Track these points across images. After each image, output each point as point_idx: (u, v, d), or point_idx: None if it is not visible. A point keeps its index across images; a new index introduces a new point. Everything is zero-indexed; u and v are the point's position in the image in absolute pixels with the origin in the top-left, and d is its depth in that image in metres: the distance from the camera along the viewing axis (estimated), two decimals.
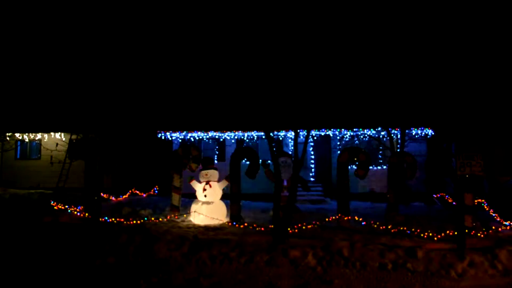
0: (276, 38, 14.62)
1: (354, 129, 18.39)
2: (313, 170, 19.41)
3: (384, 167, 17.75)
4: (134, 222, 12.27)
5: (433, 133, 18.01)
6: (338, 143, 19.24)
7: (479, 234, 10.60)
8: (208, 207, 12.69)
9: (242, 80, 15.33)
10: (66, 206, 13.85)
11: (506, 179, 15.16)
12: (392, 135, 17.40)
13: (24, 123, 19.97)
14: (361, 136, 18.87)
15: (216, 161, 18.25)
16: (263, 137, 18.51)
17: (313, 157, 19.43)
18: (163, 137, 19.18)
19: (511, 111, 15.86)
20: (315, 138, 19.22)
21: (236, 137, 19.42)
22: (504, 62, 15.37)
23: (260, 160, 13.43)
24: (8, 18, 17.66)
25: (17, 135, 20.42)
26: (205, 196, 12.87)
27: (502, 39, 15.30)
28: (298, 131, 12.24)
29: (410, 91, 15.71)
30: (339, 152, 16.38)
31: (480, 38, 15.39)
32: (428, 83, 15.79)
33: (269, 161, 13.69)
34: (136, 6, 17.03)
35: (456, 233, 9.67)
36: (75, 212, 13.37)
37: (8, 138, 20.19)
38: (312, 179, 19.27)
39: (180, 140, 19.34)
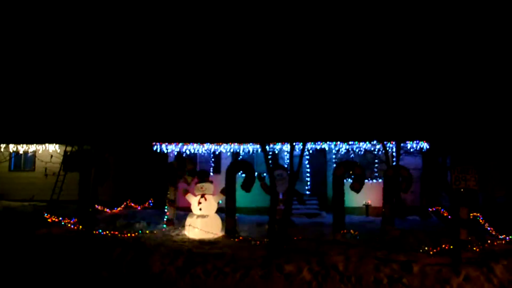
0: (271, 52, 14.69)
1: (350, 142, 18.39)
2: (308, 183, 19.38)
3: (380, 180, 17.75)
4: (129, 235, 12.19)
5: (428, 147, 18.04)
6: (334, 156, 19.24)
7: (474, 248, 10.59)
8: (203, 220, 12.62)
9: (238, 93, 15.37)
10: (60, 219, 13.74)
11: (501, 193, 15.20)
12: (388, 148, 17.44)
13: (18, 135, 19.86)
14: (357, 150, 18.88)
15: (211, 174, 18.21)
16: (259, 150, 18.50)
17: (308, 170, 19.41)
18: (158, 150, 19.14)
19: (506, 126, 15.94)
20: (310, 151, 19.22)
21: (231, 150, 19.39)
22: (499, 77, 15.48)
23: (256, 173, 13.40)
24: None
25: (11, 146, 20.31)
26: (200, 209, 12.81)
27: (495, 55, 15.42)
28: (294, 144, 12.26)
29: (406, 105, 15.78)
30: (334, 165, 16.38)
31: (474, 53, 15.52)
32: (424, 97, 15.87)
33: (264, 174, 13.69)
34: (131, 15, 17.10)
35: (451, 247, 9.65)
36: (69, 225, 13.27)
37: (2, 150, 20.07)
38: (307, 192, 19.22)
39: (175, 153, 19.31)
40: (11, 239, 11.54)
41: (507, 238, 11.59)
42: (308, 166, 19.39)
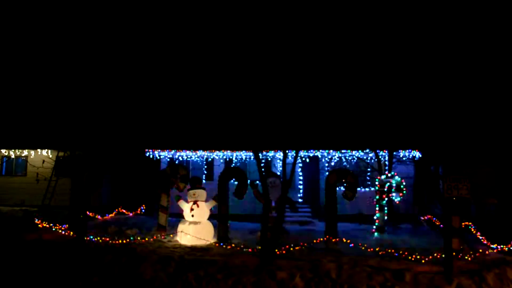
0: (265, 60, 14.74)
1: (343, 151, 18.44)
2: (301, 191, 19.37)
3: (372, 188, 17.79)
4: (120, 241, 12.10)
5: (420, 156, 18.13)
6: (327, 164, 19.27)
7: (466, 257, 10.61)
8: (195, 227, 12.57)
9: (231, 100, 15.38)
10: (51, 224, 13.62)
11: (492, 201, 15.26)
12: (380, 157, 17.50)
13: (10, 139, 19.73)
14: (349, 158, 18.93)
15: (204, 181, 18.16)
16: (252, 157, 18.50)
17: (301, 178, 19.41)
18: (151, 156, 19.08)
19: (498, 135, 16.06)
20: (303, 159, 19.24)
21: (224, 157, 19.38)
22: (489, 85, 15.62)
23: (249, 180, 13.38)
24: None
25: (3, 151, 20.16)
26: (193, 216, 12.76)
27: (486, 63, 15.57)
28: (287, 151, 12.26)
29: (398, 114, 15.86)
30: (327, 173, 16.42)
31: (464, 63, 15.66)
32: (416, 105, 15.97)
33: (257, 182, 13.66)
34: (123, 23, 17.11)
35: (443, 255, 9.67)
36: (60, 231, 13.15)
37: None
38: (300, 200, 19.21)
39: (168, 159, 19.26)
40: (1, 244, 11.42)
41: (499, 247, 11.63)
42: (301, 173, 19.40)
